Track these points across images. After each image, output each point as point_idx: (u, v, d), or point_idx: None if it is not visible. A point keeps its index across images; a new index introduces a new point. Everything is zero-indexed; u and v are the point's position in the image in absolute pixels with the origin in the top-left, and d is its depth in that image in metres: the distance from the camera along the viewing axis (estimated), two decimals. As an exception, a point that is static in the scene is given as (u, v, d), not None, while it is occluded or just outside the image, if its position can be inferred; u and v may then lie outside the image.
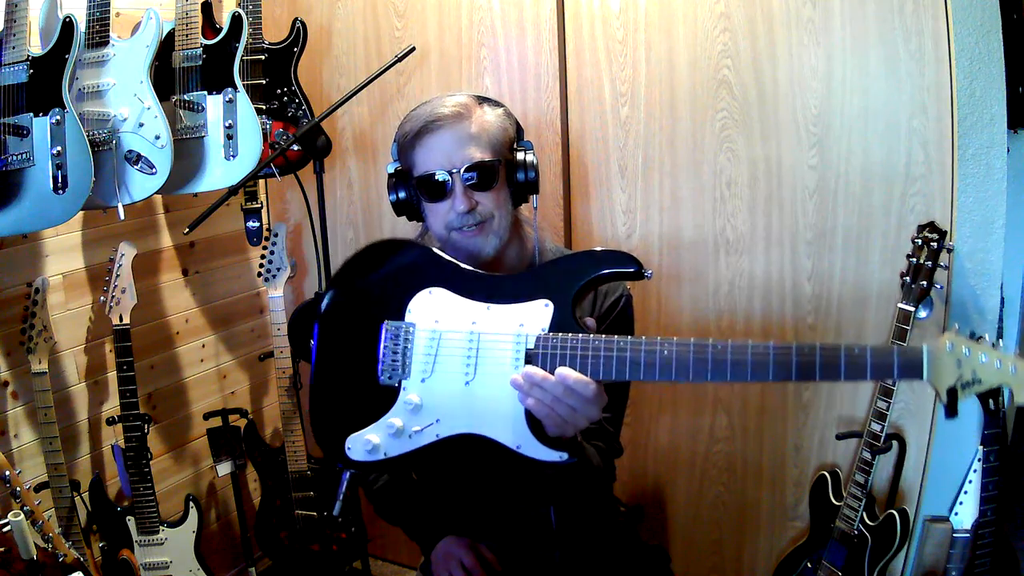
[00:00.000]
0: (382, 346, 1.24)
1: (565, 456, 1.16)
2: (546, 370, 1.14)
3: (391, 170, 1.43)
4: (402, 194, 1.42)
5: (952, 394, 1.03)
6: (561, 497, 1.43)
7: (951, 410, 1.05)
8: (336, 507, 1.40)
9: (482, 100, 1.40)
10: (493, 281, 1.25)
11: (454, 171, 1.33)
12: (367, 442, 1.22)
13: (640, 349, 1.12)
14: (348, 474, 1.39)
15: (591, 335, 1.16)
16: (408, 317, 1.25)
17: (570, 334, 1.16)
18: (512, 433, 1.17)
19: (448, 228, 1.37)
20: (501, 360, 1.18)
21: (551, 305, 1.19)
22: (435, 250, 1.30)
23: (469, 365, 1.20)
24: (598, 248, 1.25)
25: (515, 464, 1.17)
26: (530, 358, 1.17)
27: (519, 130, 1.44)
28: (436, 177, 1.34)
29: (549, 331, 1.17)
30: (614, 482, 1.59)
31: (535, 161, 1.40)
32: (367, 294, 1.31)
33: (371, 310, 1.27)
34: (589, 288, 1.22)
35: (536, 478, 1.26)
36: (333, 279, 1.35)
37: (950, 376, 1.03)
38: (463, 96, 1.39)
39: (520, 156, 1.39)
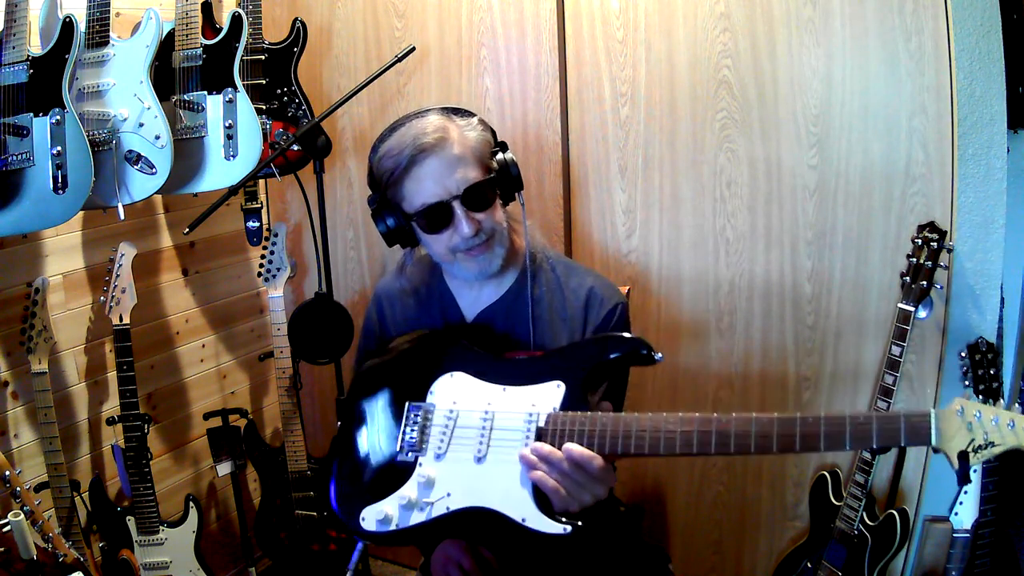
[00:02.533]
0: (406, 426, 1.30)
1: (569, 529, 1.17)
2: (555, 445, 1.18)
3: (372, 203, 1.45)
4: (391, 223, 1.42)
5: (963, 458, 0.99)
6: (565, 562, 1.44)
7: (963, 478, 1.00)
8: None
9: (451, 113, 1.39)
10: (509, 365, 1.30)
11: (452, 198, 1.33)
12: (380, 513, 1.26)
13: (646, 430, 1.15)
14: (361, 545, 1.45)
15: (599, 414, 1.19)
16: (430, 399, 1.31)
17: (579, 413, 1.20)
18: (518, 507, 1.20)
19: (453, 251, 1.38)
20: (513, 438, 1.23)
21: (563, 386, 1.24)
22: (463, 341, 1.36)
23: (482, 442, 1.25)
24: (616, 335, 1.30)
25: (520, 536, 1.20)
26: (541, 435, 1.21)
27: (493, 133, 1.44)
28: (434, 207, 1.34)
29: (560, 410, 1.21)
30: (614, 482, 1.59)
31: (514, 159, 1.40)
32: (395, 377, 1.38)
33: (397, 392, 1.34)
34: (600, 371, 1.26)
35: (540, 549, 1.30)
36: (369, 367, 1.42)
37: (961, 440, 1.00)
38: (434, 116, 1.37)
39: (501, 158, 1.39)
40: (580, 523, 1.17)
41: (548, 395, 1.24)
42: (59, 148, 1.76)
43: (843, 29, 1.81)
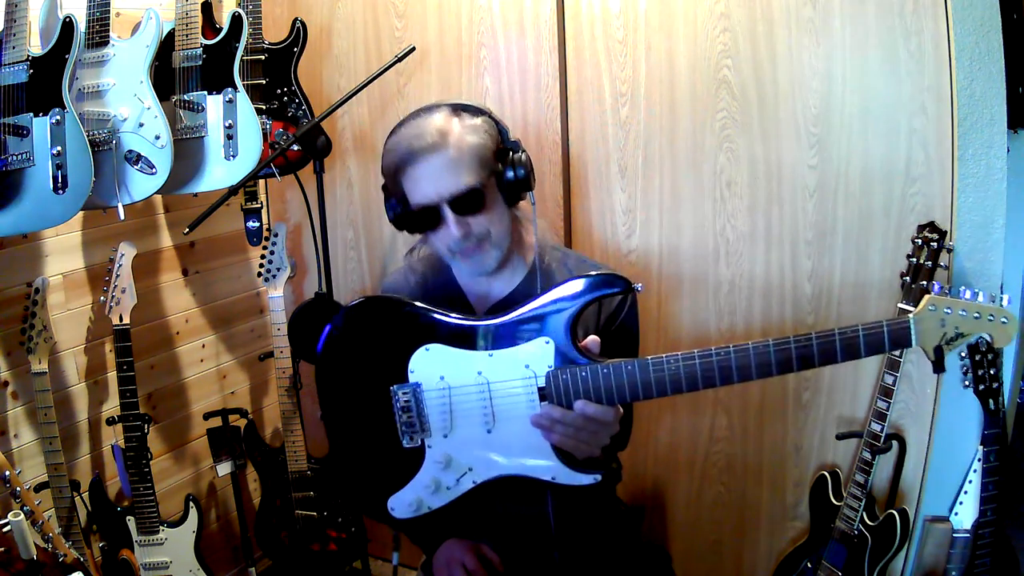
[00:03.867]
0: (398, 411, 1.28)
1: (599, 476, 1.23)
2: (561, 404, 1.19)
3: (386, 188, 1.45)
4: (399, 210, 1.42)
5: (939, 351, 1.10)
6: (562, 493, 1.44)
7: (939, 366, 1.13)
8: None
9: (459, 111, 1.38)
10: (487, 329, 1.27)
11: (441, 201, 1.34)
12: (410, 501, 1.28)
13: (648, 370, 1.17)
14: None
15: (597, 364, 1.19)
16: (412, 377, 1.28)
17: (578, 367, 1.20)
18: (544, 468, 1.23)
19: (450, 250, 1.39)
20: (516, 403, 1.23)
21: (551, 341, 1.22)
22: (418, 304, 1.31)
23: (487, 414, 1.25)
24: (586, 274, 1.25)
25: (554, 492, 1.25)
26: (543, 395, 1.21)
27: (503, 132, 1.42)
28: (426, 208, 1.35)
29: (556, 367, 1.21)
30: (619, 481, 1.59)
31: (524, 158, 1.39)
32: (364, 361, 1.33)
33: (373, 376, 1.31)
34: (581, 313, 1.24)
35: (574, 497, 1.32)
36: (324, 349, 1.36)
37: (935, 336, 1.09)
38: (440, 115, 1.37)
39: (508, 158, 1.39)
40: (605, 470, 1.23)
41: (539, 353, 1.22)
42: (59, 148, 1.76)
43: (843, 29, 1.81)
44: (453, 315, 1.29)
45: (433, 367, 1.27)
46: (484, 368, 1.25)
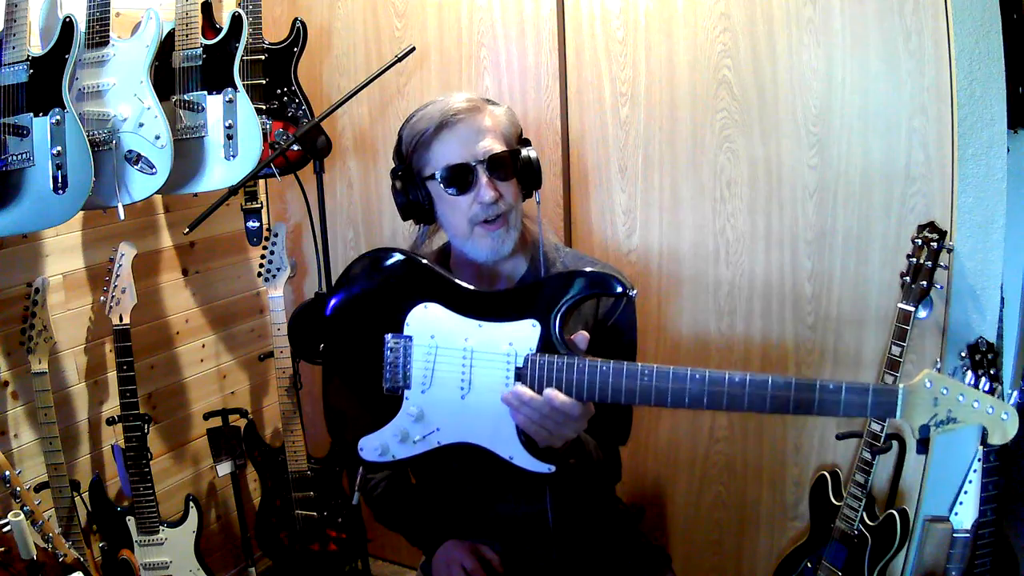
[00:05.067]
0: (387, 358, 1.30)
1: (552, 468, 1.24)
2: (534, 388, 1.20)
3: (396, 174, 1.45)
4: (411, 195, 1.42)
5: (925, 431, 1.03)
6: (560, 491, 1.45)
7: (923, 447, 1.05)
8: (355, 497, 1.52)
9: (486, 100, 1.44)
10: (484, 298, 1.30)
11: (477, 162, 1.36)
12: (377, 446, 1.31)
13: (621, 376, 1.17)
14: (362, 468, 1.51)
15: (576, 358, 1.20)
16: (407, 330, 1.31)
17: (556, 356, 1.21)
18: (505, 444, 1.25)
19: (472, 222, 1.39)
20: (493, 376, 1.25)
21: (538, 326, 1.23)
22: (427, 263, 1.34)
23: (464, 379, 1.27)
24: (587, 268, 1.29)
25: (508, 472, 1.25)
26: (519, 376, 1.23)
27: (520, 126, 1.47)
28: (459, 167, 1.36)
29: (536, 351, 1.23)
30: (618, 481, 1.59)
31: (538, 157, 1.44)
32: (367, 305, 1.37)
33: (372, 321, 1.33)
34: (574, 308, 1.25)
35: (530, 482, 1.32)
36: (335, 287, 1.40)
37: (925, 414, 1.02)
38: (470, 93, 1.43)
39: (525, 152, 1.42)
40: (559, 465, 1.24)
41: (524, 335, 1.24)
42: (59, 148, 1.76)
43: (843, 29, 1.81)
44: (454, 279, 1.31)
45: (427, 325, 1.29)
46: (471, 336, 1.27)
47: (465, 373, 1.26)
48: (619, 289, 1.22)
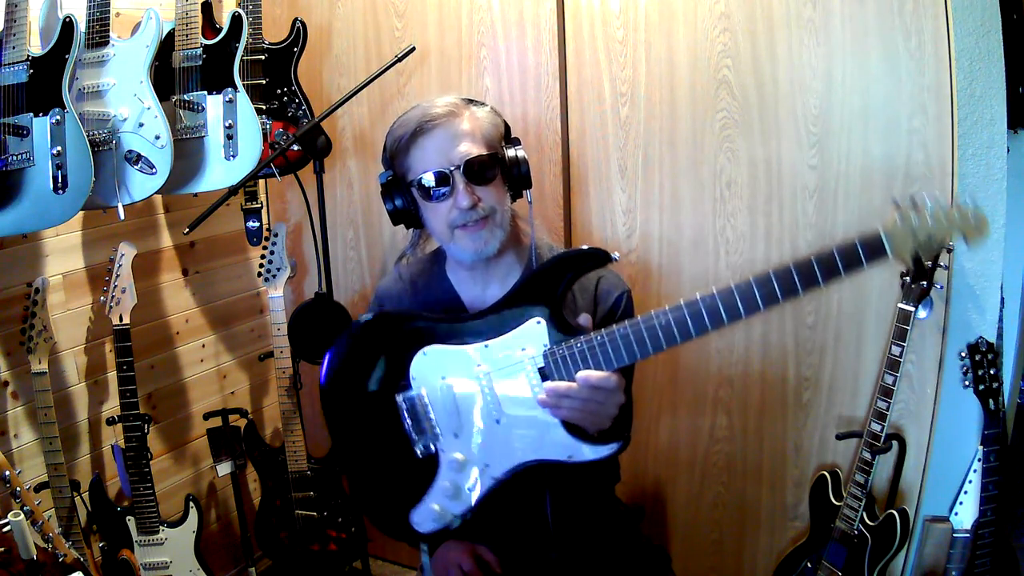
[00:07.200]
0: (407, 420, 1.28)
1: (618, 445, 1.22)
2: (564, 379, 1.20)
3: (383, 180, 1.44)
4: (399, 202, 1.42)
5: (916, 258, 1.12)
6: (560, 492, 1.44)
7: (920, 272, 1.29)
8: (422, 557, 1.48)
9: (468, 101, 1.42)
10: (478, 319, 1.28)
11: (453, 168, 1.35)
12: (429, 511, 1.27)
13: (639, 326, 1.17)
14: (425, 547, 1.46)
15: (590, 334, 1.20)
16: (414, 384, 1.29)
17: (573, 340, 1.20)
18: (558, 448, 1.22)
19: (452, 226, 1.38)
20: (520, 388, 1.22)
21: (543, 320, 1.23)
22: (405, 313, 1.34)
23: (492, 405, 1.24)
24: (560, 252, 1.30)
25: (573, 472, 1.23)
26: (544, 375, 1.21)
27: (507, 128, 1.46)
28: (436, 175, 1.35)
29: (551, 344, 1.21)
30: (618, 481, 1.59)
31: (526, 157, 1.42)
32: (366, 381, 1.34)
33: (377, 392, 1.31)
34: (568, 288, 1.26)
35: (573, 496, 1.33)
36: (327, 379, 1.38)
37: (909, 243, 1.09)
38: (448, 98, 1.41)
39: (511, 153, 1.41)
40: (622, 440, 1.23)
41: (533, 334, 1.23)
42: (59, 148, 1.76)
43: (843, 29, 1.81)
44: (441, 315, 1.31)
45: (433, 369, 1.27)
46: (482, 360, 1.25)
47: (490, 398, 1.24)
48: (599, 258, 1.24)
